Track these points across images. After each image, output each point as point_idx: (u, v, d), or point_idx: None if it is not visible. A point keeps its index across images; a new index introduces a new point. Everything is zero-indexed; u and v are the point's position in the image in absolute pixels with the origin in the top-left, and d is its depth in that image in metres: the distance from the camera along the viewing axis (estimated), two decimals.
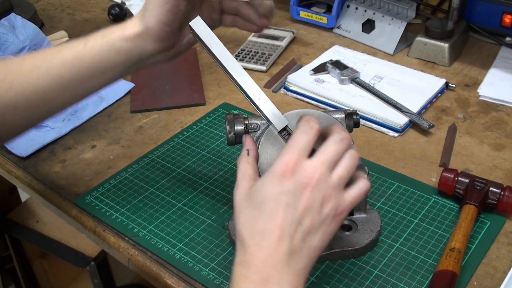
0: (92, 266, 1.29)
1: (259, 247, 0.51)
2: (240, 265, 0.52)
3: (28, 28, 1.10)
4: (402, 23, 1.15)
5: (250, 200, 0.54)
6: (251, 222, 0.53)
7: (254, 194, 0.54)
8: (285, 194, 0.52)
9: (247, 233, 0.53)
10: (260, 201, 0.53)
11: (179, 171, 0.86)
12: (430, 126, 0.91)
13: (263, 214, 0.52)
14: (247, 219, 0.54)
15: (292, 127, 0.66)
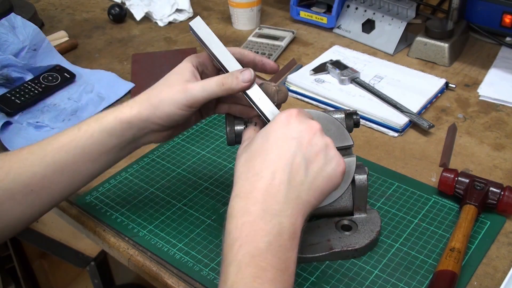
0: (92, 266, 1.29)
1: (259, 177, 0.51)
2: (237, 198, 0.51)
3: (28, 28, 1.10)
4: (402, 23, 1.15)
5: (254, 141, 0.55)
6: (253, 156, 0.53)
7: (256, 137, 0.56)
8: (290, 129, 0.54)
9: (248, 166, 0.53)
10: (264, 138, 0.54)
11: (179, 171, 0.86)
12: (430, 126, 0.91)
13: (266, 145, 0.53)
14: (247, 156, 0.54)
15: None
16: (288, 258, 0.50)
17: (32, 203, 0.64)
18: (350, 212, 0.73)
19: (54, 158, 0.64)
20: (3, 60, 1.03)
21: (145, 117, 0.64)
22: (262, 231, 0.49)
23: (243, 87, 0.63)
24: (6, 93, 1.00)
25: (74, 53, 1.22)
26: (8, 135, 0.94)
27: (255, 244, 0.49)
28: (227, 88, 0.62)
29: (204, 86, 0.63)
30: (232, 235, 0.50)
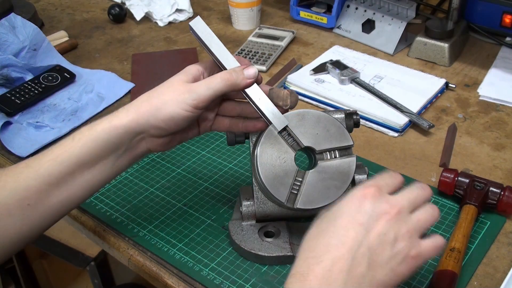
0: (92, 266, 1.29)
1: (318, 260, 0.48)
2: (293, 277, 0.48)
3: (28, 28, 1.10)
4: (402, 23, 1.15)
5: (325, 216, 0.52)
6: (317, 235, 0.50)
7: (330, 210, 0.52)
8: (361, 213, 0.50)
9: (311, 245, 0.50)
10: (332, 217, 0.51)
11: (179, 171, 0.86)
12: (430, 126, 0.91)
13: (332, 228, 0.50)
14: (314, 232, 0.51)
15: (292, 127, 0.67)
16: None
17: (30, 218, 0.62)
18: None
19: (48, 170, 0.61)
20: (3, 60, 1.03)
21: (145, 120, 0.62)
22: None
23: (248, 84, 0.62)
24: (6, 93, 1.00)
25: (74, 53, 1.22)
26: (8, 135, 0.94)
27: None
28: (232, 83, 0.62)
29: (209, 84, 0.62)
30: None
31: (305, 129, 0.67)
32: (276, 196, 0.66)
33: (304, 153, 0.71)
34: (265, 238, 0.71)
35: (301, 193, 0.66)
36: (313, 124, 0.67)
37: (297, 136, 0.67)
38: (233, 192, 0.81)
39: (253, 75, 0.62)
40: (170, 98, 0.62)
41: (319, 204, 0.66)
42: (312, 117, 0.67)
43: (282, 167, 0.66)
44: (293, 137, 0.67)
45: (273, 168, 0.66)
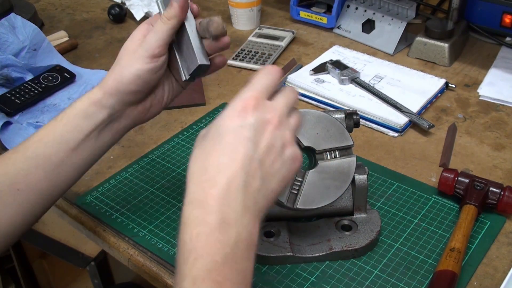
0: (92, 266, 1.29)
1: (212, 183, 0.47)
2: (191, 205, 0.48)
3: (28, 28, 1.10)
4: (402, 23, 1.15)
5: (207, 135, 0.50)
6: (205, 156, 0.48)
7: (210, 129, 0.50)
8: (246, 127, 0.48)
9: (199, 167, 0.48)
10: (217, 134, 0.49)
11: (179, 171, 0.86)
12: (430, 126, 0.91)
13: (218, 146, 0.48)
14: (201, 153, 0.49)
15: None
16: (245, 269, 0.47)
17: (22, 204, 0.62)
18: (350, 212, 0.73)
19: (35, 152, 0.62)
20: (3, 60, 1.03)
21: (115, 88, 0.64)
22: (218, 243, 0.45)
23: (182, 8, 0.63)
24: (6, 93, 1.00)
25: (74, 53, 1.22)
26: (8, 135, 0.94)
27: (211, 257, 0.45)
28: (171, 17, 0.63)
29: (154, 30, 0.64)
30: (186, 246, 0.46)
31: (305, 129, 0.67)
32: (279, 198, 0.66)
33: (304, 153, 0.71)
34: (265, 238, 0.70)
35: (301, 193, 0.66)
36: (313, 124, 0.67)
37: (297, 136, 0.67)
38: None
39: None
40: (127, 59, 0.64)
41: (319, 204, 0.66)
42: (312, 117, 0.67)
43: None
44: None
45: None
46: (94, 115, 0.64)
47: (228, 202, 0.46)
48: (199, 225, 0.46)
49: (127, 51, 0.65)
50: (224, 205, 0.46)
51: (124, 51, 0.65)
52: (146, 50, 0.63)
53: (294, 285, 0.67)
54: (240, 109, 0.49)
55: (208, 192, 0.47)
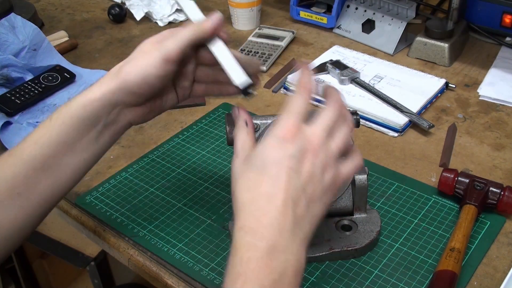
0: (92, 266, 1.29)
1: (263, 212, 0.49)
2: (242, 231, 0.49)
3: (28, 28, 1.10)
4: (402, 23, 1.15)
5: (250, 164, 0.53)
6: (253, 186, 0.51)
7: (254, 158, 0.53)
8: (288, 158, 0.51)
9: (249, 197, 0.51)
10: (261, 165, 0.51)
11: (179, 171, 0.86)
12: (430, 126, 0.91)
13: (266, 177, 0.50)
14: (248, 183, 0.52)
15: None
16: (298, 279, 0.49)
17: (22, 208, 0.61)
18: (350, 212, 0.73)
19: (31, 154, 0.60)
20: (3, 60, 1.03)
21: (118, 87, 0.61)
22: (268, 268, 0.47)
23: (212, 25, 0.64)
24: (6, 93, 1.00)
25: (74, 53, 1.22)
26: (8, 135, 0.94)
27: (259, 281, 0.47)
28: (198, 29, 0.63)
29: (176, 36, 0.62)
30: (236, 269, 0.48)
31: None
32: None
33: None
34: None
35: None
36: None
37: None
38: None
39: (216, 18, 0.64)
40: (139, 59, 0.62)
41: None
42: (312, 117, 0.67)
43: None
44: None
45: None
46: (93, 115, 0.61)
47: (278, 230, 0.48)
48: (250, 250, 0.48)
49: (142, 50, 0.63)
50: (274, 232, 0.48)
51: (139, 50, 0.63)
52: (162, 54, 0.61)
53: None
54: (281, 139, 0.52)
55: (259, 221, 0.49)
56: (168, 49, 0.61)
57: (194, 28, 0.63)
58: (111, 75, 0.62)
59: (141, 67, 0.61)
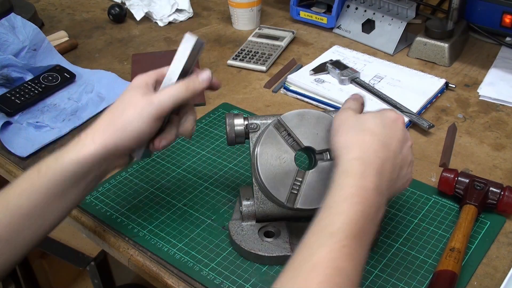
0: (92, 266, 1.29)
1: (377, 157, 0.56)
2: (357, 161, 0.55)
3: (28, 28, 1.10)
4: (402, 23, 1.15)
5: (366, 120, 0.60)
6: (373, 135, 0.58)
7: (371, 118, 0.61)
8: (398, 134, 0.60)
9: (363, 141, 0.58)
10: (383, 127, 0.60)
11: (179, 171, 0.86)
12: (430, 126, 0.91)
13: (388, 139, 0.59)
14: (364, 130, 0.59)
15: (292, 127, 0.67)
16: (373, 232, 0.55)
17: (4, 252, 0.60)
18: None
19: (17, 204, 0.60)
20: (3, 60, 1.03)
21: (113, 144, 0.61)
22: (373, 200, 0.54)
23: (204, 86, 0.66)
24: (6, 93, 1.00)
25: (74, 53, 1.22)
26: (8, 135, 0.94)
27: (365, 208, 0.53)
28: (192, 89, 0.64)
29: (170, 93, 0.63)
30: (345, 191, 0.54)
31: (305, 129, 0.67)
32: (276, 196, 0.66)
33: (304, 153, 0.71)
34: (265, 238, 0.71)
35: (301, 193, 0.66)
36: (313, 124, 0.67)
37: (297, 136, 0.67)
38: (233, 192, 0.81)
39: (207, 77, 0.66)
40: (133, 115, 0.62)
41: (319, 204, 0.66)
42: (312, 117, 0.67)
43: (282, 167, 0.66)
44: (293, 137, 0.67)
45: (273, 168, 0.66)
46: (84, 170, 0.62)
47: (383, 176, 0.56)
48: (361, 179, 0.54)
49: (134, 104, 0.62)
50: (381, 176, 0.56)
51: (130, 103, 0.62)
52: (156, 110, 0.61)
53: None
54: (394, 119, 0.62)
55: (373, 161, 0.56)
56: (162, 106, 0.62)
57: (189, 89, 0.64)
58: (103, 128, 0.62)
59: (136, 124, 0.61)
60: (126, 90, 0.65)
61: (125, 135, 0.62)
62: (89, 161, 0.61)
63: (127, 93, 0.64)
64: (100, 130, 0.62)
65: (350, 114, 0.62)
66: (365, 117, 0.61)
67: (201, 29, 1.29)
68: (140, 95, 0.63)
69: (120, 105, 0.63)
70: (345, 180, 0.54)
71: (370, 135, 0.58)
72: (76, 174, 0.61)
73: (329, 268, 0.48)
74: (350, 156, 0.56)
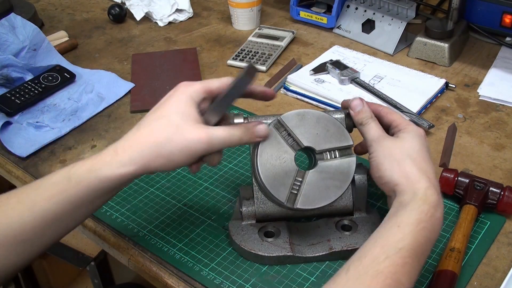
0: (92, 266, 1.29)
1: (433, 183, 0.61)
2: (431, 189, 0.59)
3: (28, 28, 1.10)
4: (402, 23, 1.15)
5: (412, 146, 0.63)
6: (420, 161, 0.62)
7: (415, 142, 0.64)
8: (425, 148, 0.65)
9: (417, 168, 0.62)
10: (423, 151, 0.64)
11: (179, 171, 0.86)
12: (430, 126, 0.91)
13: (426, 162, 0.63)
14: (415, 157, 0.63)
15: (292, 127, 0.67)
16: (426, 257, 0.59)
17: (24, 252, 0.61)
18: (350, 212, 0.73)
19: (44, 209, 0.60)
20: (3, 60, 1.03)
21: (153, 168, 0.61)
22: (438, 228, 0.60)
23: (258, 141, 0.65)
24: (6, 93, 1.00)
25: (74, 53, 1.22)
26: (8, 135, 0.94)
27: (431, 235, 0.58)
28: (245, 141, 0.64)
29: (223, 137, 0.61)
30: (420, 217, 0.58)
31: (305, 129, 0.67)
32: (276, 196, 0.66)
33: (304, 153, 0.71)
34: (265, 238, 0.71)
35: (301, 193, 0.66)
36: (313, 124, 0.67)
37: (297, 136, 0.67)
38: (233, 192, 0.81)
39: (263, 134, 0.65)
40: (181, 150, 0.59)
41: (319, 204, 0.66)
42: (312, 117, 0.67)
43: (282, 167, 0.66)
44: (293, 137, 0.67)
45: (273, 168, 0.66)
46: (118, 186, 0.62)
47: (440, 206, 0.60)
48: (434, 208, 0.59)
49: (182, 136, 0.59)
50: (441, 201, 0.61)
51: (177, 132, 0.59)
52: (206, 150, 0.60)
53: (294, 285, 0.67)
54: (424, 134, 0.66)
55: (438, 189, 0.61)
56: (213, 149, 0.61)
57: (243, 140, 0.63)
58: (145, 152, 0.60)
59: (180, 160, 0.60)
60: (173, 105, 0.61)
61: (167, 164, 0.60)
62: (125, 179, 0.61)
63: (174, 109, 0.61)
64: (141, 152, 0.60)
65: (390, 142, 0.65)
66: (408, 142, 0.64)
67: (201, 29, 1.29)
68: (191, 122, 0.60)
69: (167, 128, 0.60)
70: (422, 206, 0.58)
71: (423, 162, 0.63)
72: (109, 188, 0.61)
73: (390, 279, 0.53)
74: (423, 185, 0.60)
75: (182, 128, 0.59)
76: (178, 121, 0.60)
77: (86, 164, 0.61)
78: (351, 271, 0.55)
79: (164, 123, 0.60)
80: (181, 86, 0.63)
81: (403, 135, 0.65)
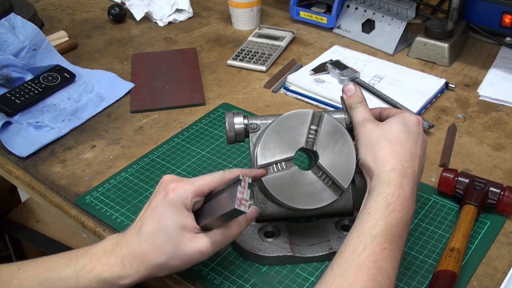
0: None
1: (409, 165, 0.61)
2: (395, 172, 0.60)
3: (28, 28, 1.10)
4: (402, 23, 1.15)
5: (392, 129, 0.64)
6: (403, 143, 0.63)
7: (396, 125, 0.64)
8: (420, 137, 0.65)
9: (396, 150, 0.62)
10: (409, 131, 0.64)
11: (179, 171, 0.86)
12: (430, 126, 0.91)
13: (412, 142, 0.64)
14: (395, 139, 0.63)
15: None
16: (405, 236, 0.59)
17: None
18: (350, 212, 0.73)
19: None
20: (3, 60, 1.03)
21: (155, 275, 0.62)
22: (409, 207, 0.59)
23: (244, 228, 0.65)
24: (6, 93, 1.00)
25: (74, 53, 1.22)
26: (8, 135, 0.94)
27: (402, 215, 0.58)
28: (235, 236, 0.63)
29: (224, 242, 0.62)
30: (386, 200, 0.58)
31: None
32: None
33: (304, 153, 0.71)
34: (265, 238, 0.71)
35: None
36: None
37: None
38: None
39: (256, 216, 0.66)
40: (180, 265, 0.61)
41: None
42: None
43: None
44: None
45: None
46: None
47: (414, 183, 0.61)
48: (400, 189, 0.59)
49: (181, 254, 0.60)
50: (414, 183, 0.61)
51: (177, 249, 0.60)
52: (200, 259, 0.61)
53: (294, 285, 0.67)
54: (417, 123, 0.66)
55: (406, 170, 0.61)
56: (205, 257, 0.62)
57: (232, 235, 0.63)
58: (150, 265, 0.60)
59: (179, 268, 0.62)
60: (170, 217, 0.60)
61: (170, 272, 0.63)
62: (130, 285, 0.62)
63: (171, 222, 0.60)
64: (146, 268, 0.61)
65: (372, 126, 0.65)
66: (389, 126, 0.64)
67: (201, 29, 1.29)
68: (188, 235, 0.60)
69: (168, 246, 0.60)
70: (386, 189, 0.59)
71: (399, 145, 0.62)
72: None
73: (373, 268, 0.54)
74: (388, 167, 0.60)
75: (182, 244, 0.60)
76: (177, 238, 0.60)
77: (95, 269, 0.61)
78: (334, 269, 0.55)
79: (165, 239, 0.60)
80: (170, 191, 0.62)
81: (389, 119, 0.66)
